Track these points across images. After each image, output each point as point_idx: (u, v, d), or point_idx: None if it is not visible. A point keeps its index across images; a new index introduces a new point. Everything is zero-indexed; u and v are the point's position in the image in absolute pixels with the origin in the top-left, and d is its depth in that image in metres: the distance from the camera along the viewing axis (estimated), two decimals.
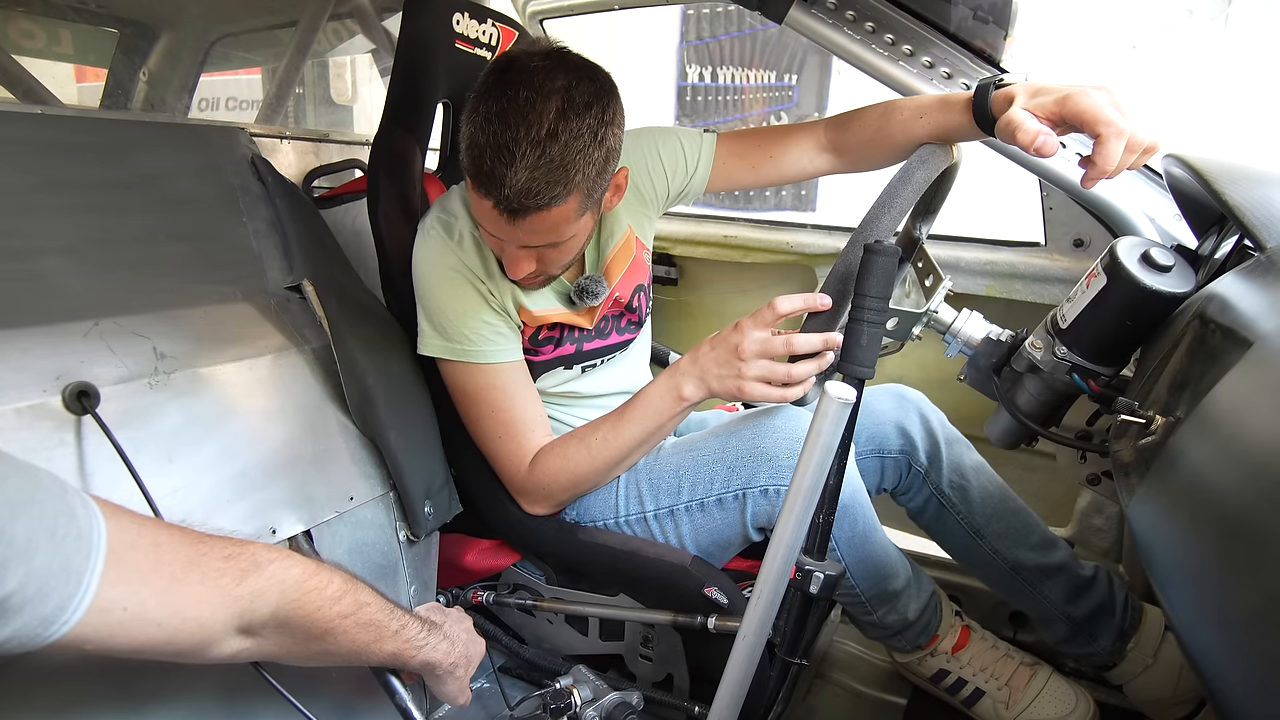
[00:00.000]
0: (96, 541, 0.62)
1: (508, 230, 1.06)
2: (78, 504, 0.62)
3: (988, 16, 1.32)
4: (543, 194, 1.01)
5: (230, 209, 1.27)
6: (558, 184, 1.01)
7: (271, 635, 0.80)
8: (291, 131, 1.71)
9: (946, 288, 1.15)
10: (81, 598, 0.60)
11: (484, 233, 1.14)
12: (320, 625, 0.83)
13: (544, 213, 1.03)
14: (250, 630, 0.78)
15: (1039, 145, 0.97)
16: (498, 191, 1.01)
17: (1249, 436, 0.53)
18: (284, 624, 0.80)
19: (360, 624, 0.88)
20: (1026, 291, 1.60)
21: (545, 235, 1.08)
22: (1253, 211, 0.82)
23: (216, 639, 0.75)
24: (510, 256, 1.11)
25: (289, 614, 0.79)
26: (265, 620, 0.78)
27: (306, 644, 0.83)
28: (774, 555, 0.82)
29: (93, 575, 0.61)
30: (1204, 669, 0.48)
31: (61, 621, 0.59)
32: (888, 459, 1.36)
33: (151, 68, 2.22)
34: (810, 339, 1.04)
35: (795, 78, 5.16)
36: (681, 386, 1.15)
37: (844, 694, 1.51)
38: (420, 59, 1.40)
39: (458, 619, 1.12)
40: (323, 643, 0.84)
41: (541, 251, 1.12)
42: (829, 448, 0.77)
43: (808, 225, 1.93)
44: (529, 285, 1.22)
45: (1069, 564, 1.30)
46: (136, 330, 1.00)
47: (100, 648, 0.65)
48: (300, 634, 0.82)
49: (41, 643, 0.59)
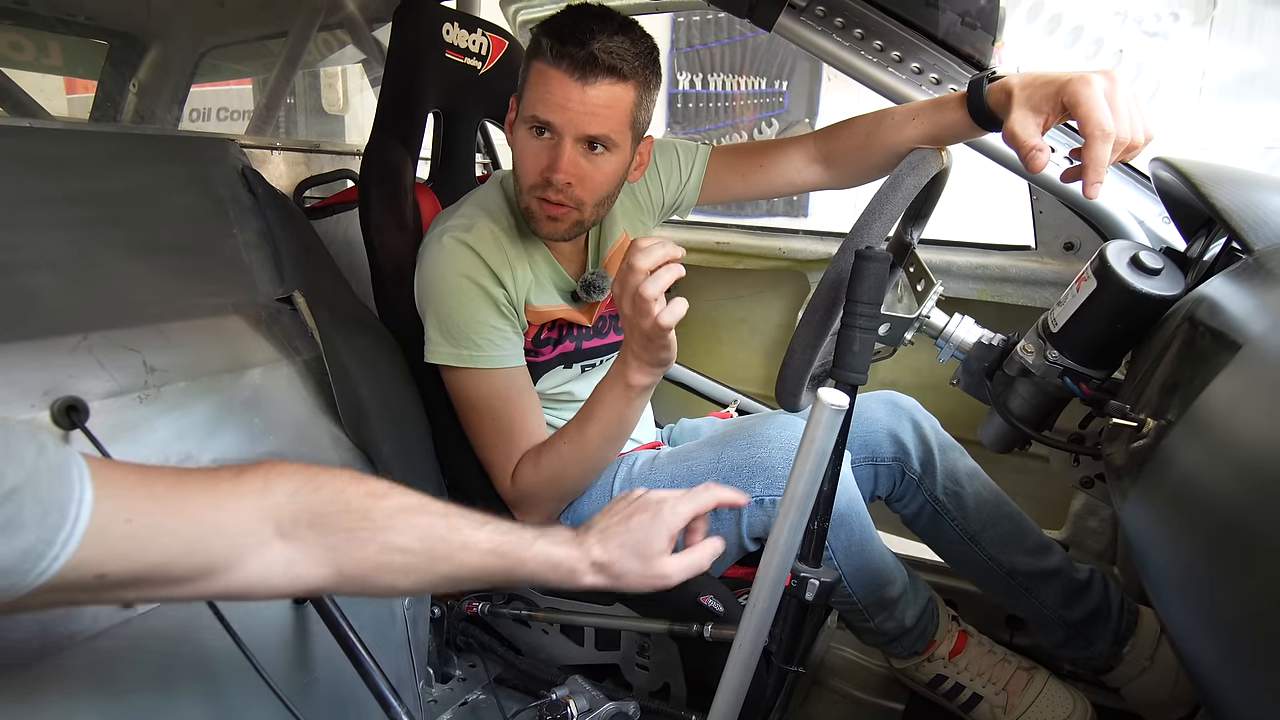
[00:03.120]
0: (77, 472, 0.56)
1: (574, 99, 1.09)
2: (49, 442, 0.57)
3: (975, 22, 1.32)
4: (619, 56, 1.08)
5: (221, 221, 1.26)
6: (631, 57, 1.10)
7: (311, 537, 0.70)
8: (282, 142, 1.71)
9: (938, 292, 1.15)
10: (75, 521, 0.55)
11: (527, 135, 1.15)
12: (355, 512, 0.71)
13: (613, 84, 1.10)
14: (285, 532, 0.69)
15: (1030, 159, 0.98)
16: (578, 48, 1.07)
17: (1240, 439, 0.53)
18: (316, 519, 0.70)
19: (407, 509, 0.75)
20: (1018, 295, 1.60)
21: (603, 120, 1.11)
22: (1239, 214, 0.82)
23: (248, 545, 0.67)
24: (562, 150, 1.12)
25: (310, 503, 0.70)
26: (294, 517, 0.69)
27: (357, 543, 0.71)
28: (769, 563, 0.82)
29: (82, 498, 0.56)
30: (1197, 673, 0.48)
31: (59, 545, 0.54)
32: (881, 466, 1.36)
33: (141, 79, 2.21)
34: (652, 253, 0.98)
35: (785, 84, 5.18)
36: (627, 376, 1.11)
37: (842, 700, 1.50)
38: (411, 69, 1.40)
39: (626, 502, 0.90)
40: (375, 538, 0.72)
41: (587, 160, 1.14)
42: (823, 454, 0.76)
43: (800, 231, 1.94)
44: (555, 222, 1.18)
45: (1064, 568, 1.30)
46: (126, 344, 1.00)
47: (119, 573, 0.59)
48: (341, 528, 0.71)
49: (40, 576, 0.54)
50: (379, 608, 1.24)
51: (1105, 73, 0.96)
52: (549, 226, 1.19)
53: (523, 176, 1.18)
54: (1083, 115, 0.94)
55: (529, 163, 1.16)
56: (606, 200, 1.21)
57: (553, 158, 1.13)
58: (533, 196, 1.17)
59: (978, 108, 1.07)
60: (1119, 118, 0.93)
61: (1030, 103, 0.99)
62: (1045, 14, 3.75)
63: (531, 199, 1.18)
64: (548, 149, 1.14)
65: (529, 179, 1.17)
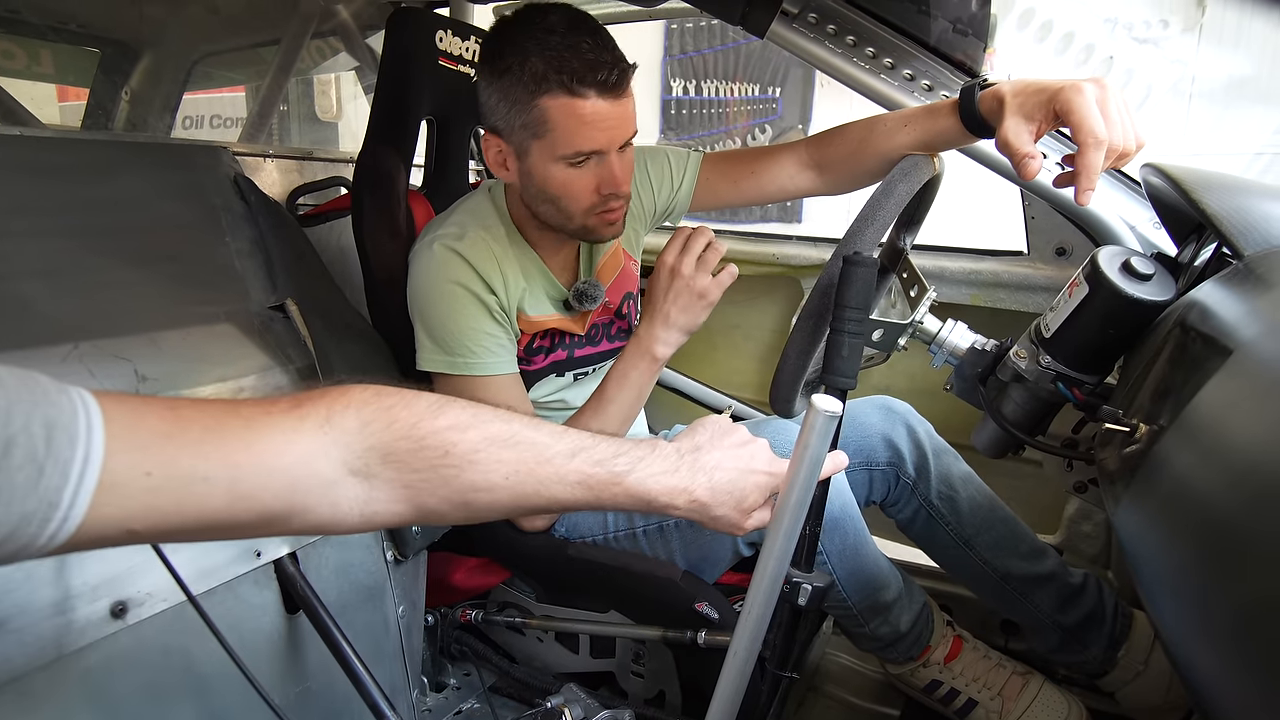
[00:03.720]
0: (84, 425, 0.51)
1: (614, 116, 1.09)
2: (52, 390, 0.51)
3: (967, 29, 1.33)
4: (623, 57, 1.08)
5: (213, 229, 1.26)
6: (624, 54, 1.09)
7: (386, 473, 0.64)
8: (275, 150, 1.71)
9: (931, 298, 1.15)
10: (81, 479, 0.50)
11: (565, 168, 1.12)
12: (433, 447, 0.65)
13: (630, 80, 1.10)
14: (355, 469, 0.63)
15: (1022, 166, 0.99)
16: (602, 70, 1.05)
17: (1232, 444, 0.53)
18: (390, 455, 0.64)
19: (493, 440, 0.68)
20: (1011, 300, 1.61)
21: (633, 120, 1.13)
22: (1229, 220, 0.83)
23: (312, 487, 0.61)
24: (612, 165, 1.12)
25: (384, 439, 0.63)
26: (364, 453, 0.63)
27: (439, 481, 0.66)
28: (764, 569, 0.82)
29: (89, 455, 0.50)
30: (1190, 678, 0.48)
31: (66, 505, 0.49)
32: (876, 471, 1.36)
33: (133, 87, 2.21)
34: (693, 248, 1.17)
35: (779, 91, 5.21)
36: (654, 349, 1.19)
37: (837, 706, 1.50)
38: (404, 76, 1.40)
39: (736, 441, 0.83)
40: (459, 476, 0.66)
41: (627, 159, 1.15)
42: (817, 460, 0.76)
43: (793, 237, 1.94)
44: (616, 224, 1.19)
45: (1058, 572, 1.30)
46: (117, 353, 0.99)
47: (151, 528, 0.55)
48: (420, 466, 0.65)
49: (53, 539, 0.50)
50: (372, 616, 1.24)
51: (1097, 81, 0.96)
52: (613, 230, 1.20)
53: (573, 205, 1.15)
54: (1075, 123, 0.94)
55: (579, 191, 1.14)
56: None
57: (608, 176, 1.12)
58: (591, 216, 1.16)
59: (970, 115, 1.08)
60: (1111, 125, 0.94)
61: (1023, 110, 1.00)
62: (1036, 21, 3.78)
63: (589, 218, 1.17)
64: (596, 172, 1.12)
65: (583, 204, 1.15)
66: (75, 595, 0.87)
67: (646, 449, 0.76)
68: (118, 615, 0.90)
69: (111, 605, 0.90)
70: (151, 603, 0.94)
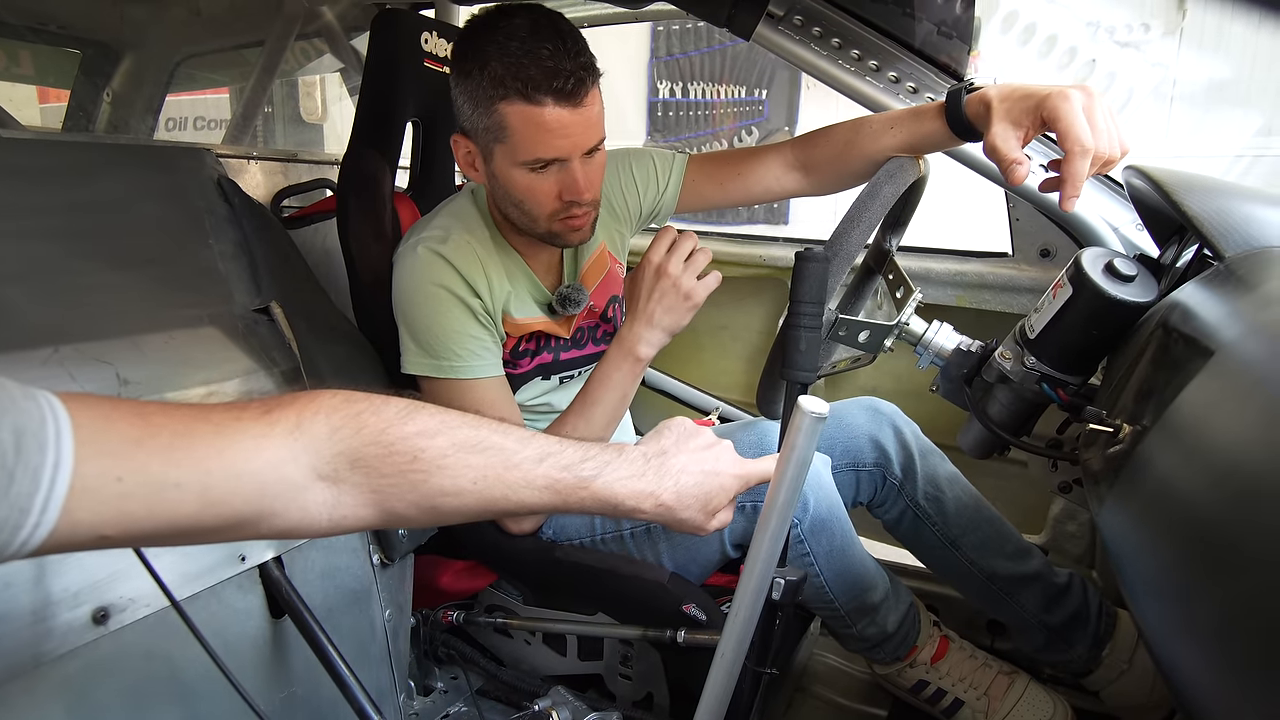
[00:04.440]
0: (53, 431, 0.51)
1: (575, 124, 1.07)
2: (19, 395, 0.50)
3: (951, 32, 1.34)
4: (584, 60, 1.06)
5: (196, 231, 1.25)
6: (585, 51, 1.07)
7: (354, 478, 0.65)
8: (259, 152, 1.70)
9: (917, 299, 1.16)
10: (52, 485, 0.50)
11: (528, 174, 1.11)
12: (402, 453, 0.66)
13: (594, 91, 1.08)
14: (324, 474, 0.63)
15: (1009, 172, 0.99)
16: (559, 78, 1.04)
17: (1213, 445, 0.54)
18: (359, 460, 0.64)
19: (461, 445, 0.69)
20: (996, 301, 1.62)
21: (597, 125, 1.11)
22: (1210, 221, 0.84)
23: (282, 492, 0.61)
24: (574, 172, 1.11)
25: (352, 444, 0.64)
26: (333, 458, 0.63)
27: (407, 486, 0.66)
28: (751, 571, 0.82)
29: (59, 460, 0.50)
30: (1173, 677, 0.49)
31: (38, 511, 0.49)
32: (863, 472, 1.36)
33: (115, 89, 2.19)
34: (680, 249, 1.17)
35: (765, 92, 5.23)
36: (636, 349, 1.18)
37: (825, 707, 1.50)
38: (389, 78, 1.39)
39: (701, 444, 0.83)
40: (426, 480, 0.67)
41: (592, 165, 1.13)
42: (803, 462, 0.76)
43: (780, 239, 1.95)
44: (582, 230, 1.18)
45: (1044, 572, 1.31)
46: (98, 356, 0.98)
47: (123, 534, 0.54)
48: (388, 471, 0.65)
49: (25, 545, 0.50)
50: (358, 620, 1.23)
51: (1083, 88, 0.97)
52: (579, 236, 1.19)
53: (536, 209, 1.15)
54: (1062, 130, 0.95)
55: (541, 197, 1.13)
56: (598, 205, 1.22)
57: (569, 181, 1.11)
58: (555, 221, 1.16)
59: (956, 118, 1.08)
60: (1097, 133, 0.95)
61: (1010, 116, 1.00)
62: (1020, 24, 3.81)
63: (553, 224, 1.16)
64: (554, 178, 1.12)
65: (546, 209, 1.14)
66: (55, 601, 0.86)
67: (613, 454, 0.77)
68: (99, 621, 0.89)
69: (93, 611, 0.89)
70: (134, 608, 0.93)
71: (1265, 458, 0.46)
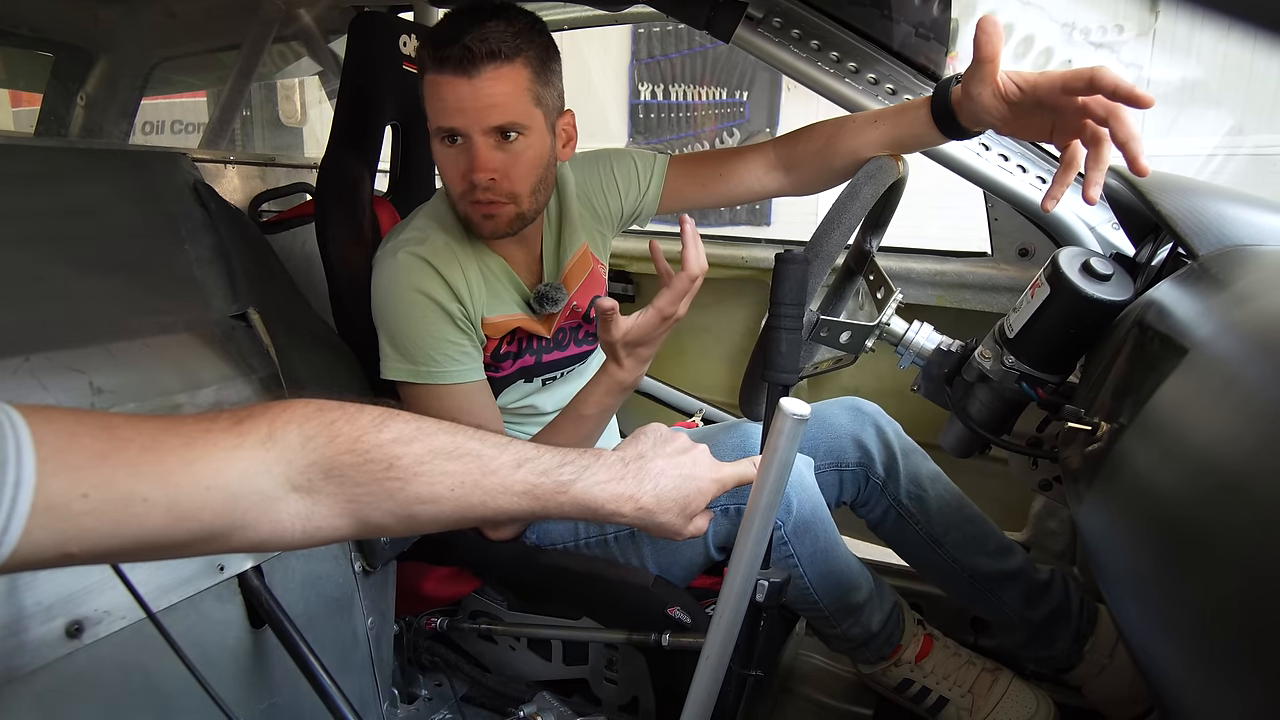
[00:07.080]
0: (13, 447, 0.49)
1: (471, 96, 1.08)
2: None
3: (929, 34, 1.35)
4: (495, 39, 1.07)
5: (172, 237, 1.23)
6: (510, 36, 1.08)
7: (329, 488, 0.64)
8: (236, 156, 1.68)
9: (897, 300, 1.16)
10: (14, 504, 0.49)
11: (443, 147, 1.14)
12: (377, 461, 0.64)
13: (498, 68, 1.08)
14: (298, 485, 0.62)
15: (1002, 81, 0.99)
16: (454, 45, 1.06)
17: (1189, 442, 0.54)
18: (332, 470, 0.63)
19: (437, 452, 0.68)
20: (976, 301, 1.63)
21: (503, 108, 1.10)
22: (1184, 220, 0.85)
23: (254, 504, 0.60)
24: (475, 149, 1.11)
25: (326, 454, 0.63)
26: (306, 469, 0.62)
27: (382, 495, 0.65)
28: (734, 574, 0.82)
29: (20, 478, 0.49)
30: (1150, 673, 0.49)
31: None
32: (846, 472, 1.37)
33: (89, 92, 2.16)
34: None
35: (746, 94, 5.24)
36: (619, 376, 1.17)
37: (810, 707, 1.50)
38: (367, 81, 1.39)
39: (677, 449, 0.84)
40: (402, 489, 0.66)
41: (504, 151, 1.13)
42: (785, 464, 0.76)
43: (762, 240, 1.95)
44: (493, 220, 1.18)
45: (1025, 569, 1.32)
46: (71, 364, 0.97)
47: (89, 551, 0.53)
48: (363, 480, 0.64)
49: None
50: (340, 628, 1.22)
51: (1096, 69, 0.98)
52: (488, 226, 1.18)
53: (451, 188, 1.18)
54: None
55: (450, 172, 1.16)
56: (542, 186, 1.20)
57: (469, 160, 1.13)
58: (465, 203, 1.17)
59: (942, 111, 1.08)
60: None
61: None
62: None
63: (465, 205, 1.17)
64: (463, 154, 1.13)
65: (456, 188, 1.17)
66: (28, 615, 0.84)
67: (591, 458, 0.77)
68: (73, 635, 0.88)
69: (67, 624, 0.88)
70: (109, 621, 0.91)
71: (1239, 454, 0.47)
